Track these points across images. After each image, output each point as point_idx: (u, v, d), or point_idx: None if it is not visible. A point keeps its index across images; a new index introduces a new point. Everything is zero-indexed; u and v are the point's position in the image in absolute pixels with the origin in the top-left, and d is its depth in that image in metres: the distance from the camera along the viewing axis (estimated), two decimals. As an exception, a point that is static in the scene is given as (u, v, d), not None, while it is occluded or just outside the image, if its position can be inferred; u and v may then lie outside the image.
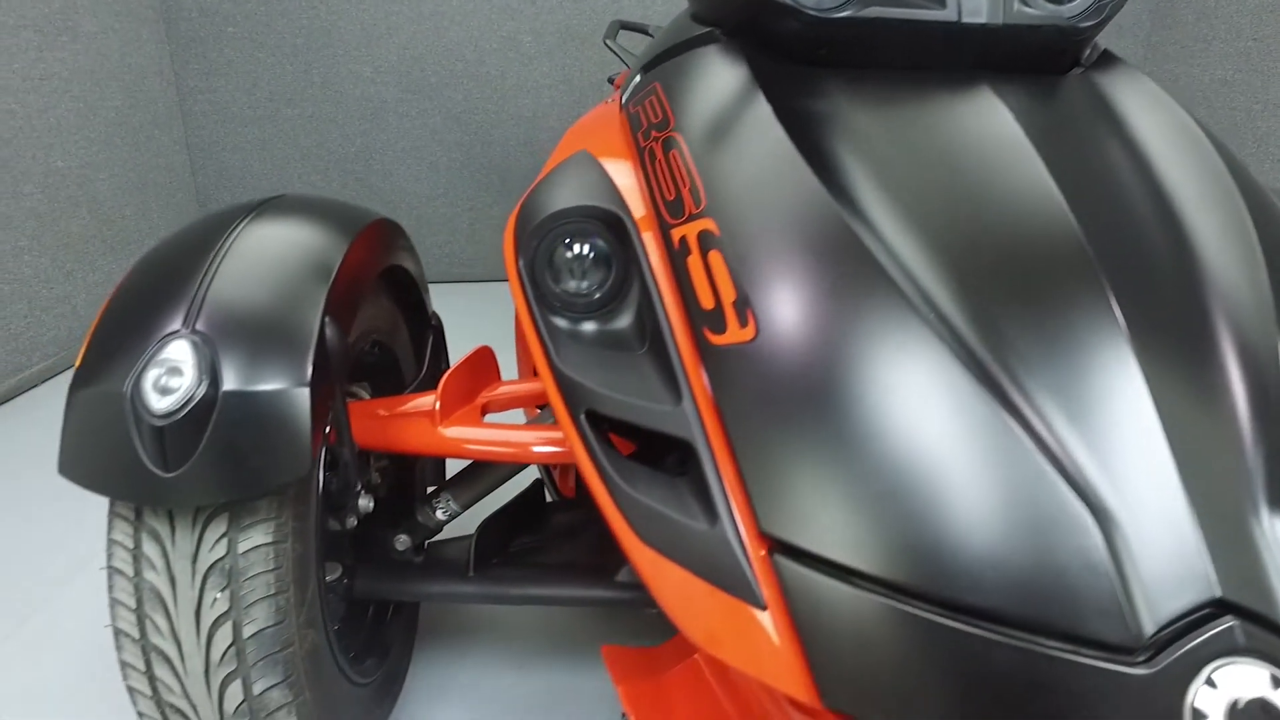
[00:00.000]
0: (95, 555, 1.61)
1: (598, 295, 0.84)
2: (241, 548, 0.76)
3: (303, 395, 0.74)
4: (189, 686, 0.78)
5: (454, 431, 0.98)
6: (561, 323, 0.82)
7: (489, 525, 1.14)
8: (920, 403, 0.61)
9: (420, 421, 0.99)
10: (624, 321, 0.82)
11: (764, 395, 0.64)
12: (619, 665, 0.90)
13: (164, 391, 0.71)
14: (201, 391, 0.71)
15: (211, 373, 0.72)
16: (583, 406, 0.71)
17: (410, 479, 1.28)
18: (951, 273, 0.67)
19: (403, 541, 1.10)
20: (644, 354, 0.76)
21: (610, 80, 2.42)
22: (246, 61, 3.15)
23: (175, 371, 0.72)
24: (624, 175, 0.90)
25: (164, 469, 0.71)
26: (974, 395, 0.60)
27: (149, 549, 0.76)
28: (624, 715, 0.87)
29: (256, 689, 0.79)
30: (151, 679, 0.78)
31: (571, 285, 0.84)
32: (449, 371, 1.02)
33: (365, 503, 1.03)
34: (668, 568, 0.62)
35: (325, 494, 0.93)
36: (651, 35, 2.36)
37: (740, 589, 0.59)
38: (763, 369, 0.65)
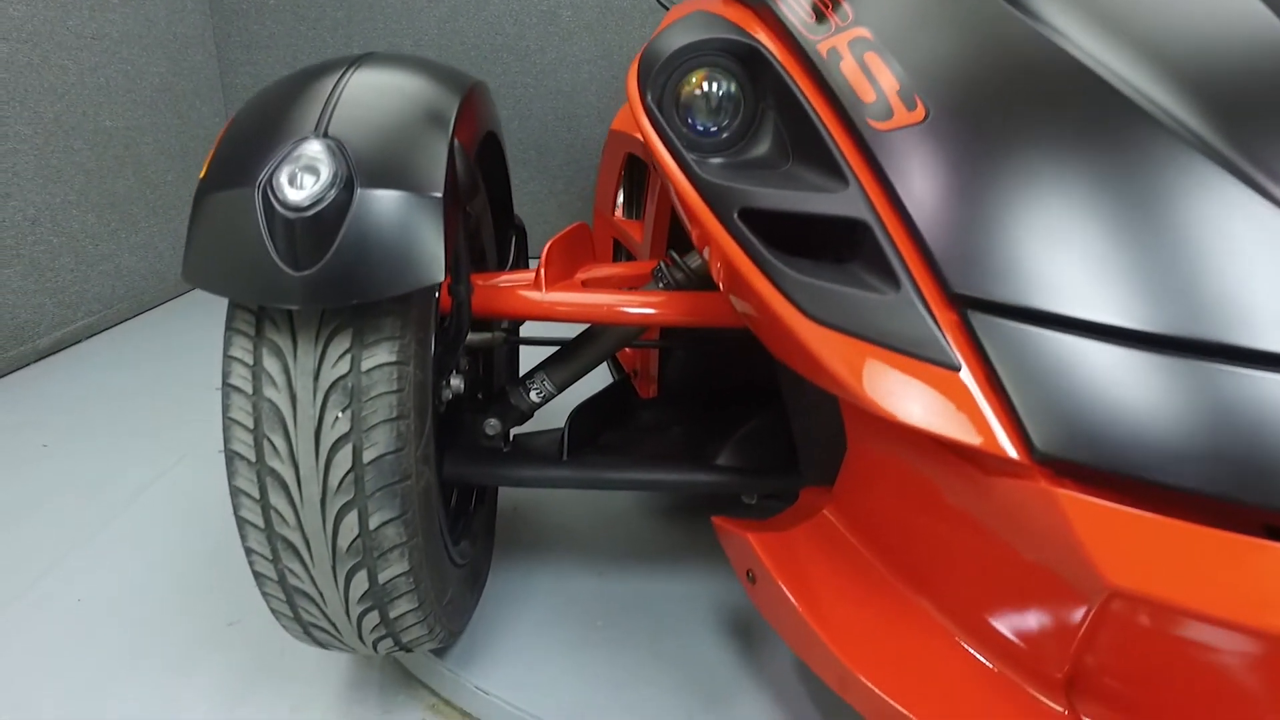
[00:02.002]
0: (126, 509, 1.59)
1: (725, 136, 0.82)
2: (365, 365, 0.73)
3: (437, 203, 0.71)
4: (304, 516, 0.74)
5: (557, 296, 0.96)
6: (692, 158, 0.80)
7: (580, 413, 1.10)
8: (1118, 154, 0.58)
9: (523, 288, 0.97)
10: (758, 153, 0.79)
11: (944, 166, 0.62)
12: (737, 526, 0.86)
13: (299, 186, 0.68)
14: (336, 191, 0.69)
15: (347, 173, 0.69)
16: (735, 207, 0.68)
17: (488, 380, 1.25)
18: (1138, 52, 0.64)
19: (492, 426, 1.07)
20: (790, 166, 0.73)
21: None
22: (288, 34, 3.18)
23: (311, 169, 0.69)
24: (747, 21, 0.88)
25: (294, 267, 0.68)
26: (1172, 145, 0.57)
27: (270, 365, 0.73)
28: (749, 574, 0.84)
29: (373, 522, 0.75)
30: (265, 508, 0.75)
31: (700, 124, 0.82)
32: (550, 241, 0.99)
33: (456, 382, 1.00)
34: (845, 343, 0.59)
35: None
36: None
37: (931, 351, 0.57)
38: (939, 142, 0.63)
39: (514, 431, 1.19)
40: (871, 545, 0.79)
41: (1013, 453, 0.53)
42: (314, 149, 0.70)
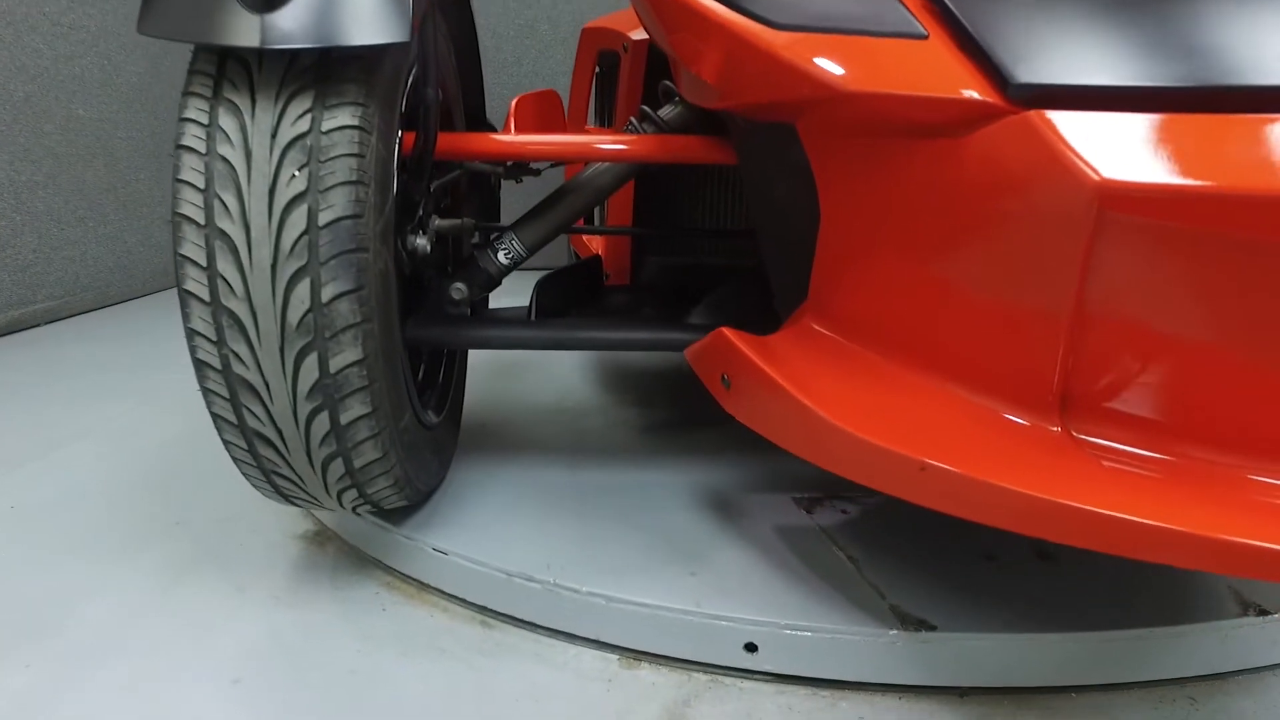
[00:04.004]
0: (67, 444, 1.52)
1: None
2: (325, 126, 0.70)
3: None
4: (252, 283, 0.70)
5: (525, 136, 0.95)
6: None
7: (548, 281, 1.08)
8: None
9: (492, 135, 0.96)
10: None
11: None
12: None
13: None
14: None
15: None
16: None
17: (457, 251, 1.22)
18: None
19: (459, 290, 1.03)
20: None
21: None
22: (269, 47, 3.23)
23: None
24: None
25: (255, 10, 0.66)
26: None
27: (226, 123, 0.70)
28: (724, 378, 0.80)
29: (325, 294, 0.71)
30: (212, 278, 0.71)
31: None
32: (519, 96, 0.99)
33: (422, 241, 0.97)
34: (814, 39, 0.60)
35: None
36: None
37: (899, 26, 0.57)
38: None
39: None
40: (850, 334, 0.77)
41: (989, 96, 0.52)
42: None
